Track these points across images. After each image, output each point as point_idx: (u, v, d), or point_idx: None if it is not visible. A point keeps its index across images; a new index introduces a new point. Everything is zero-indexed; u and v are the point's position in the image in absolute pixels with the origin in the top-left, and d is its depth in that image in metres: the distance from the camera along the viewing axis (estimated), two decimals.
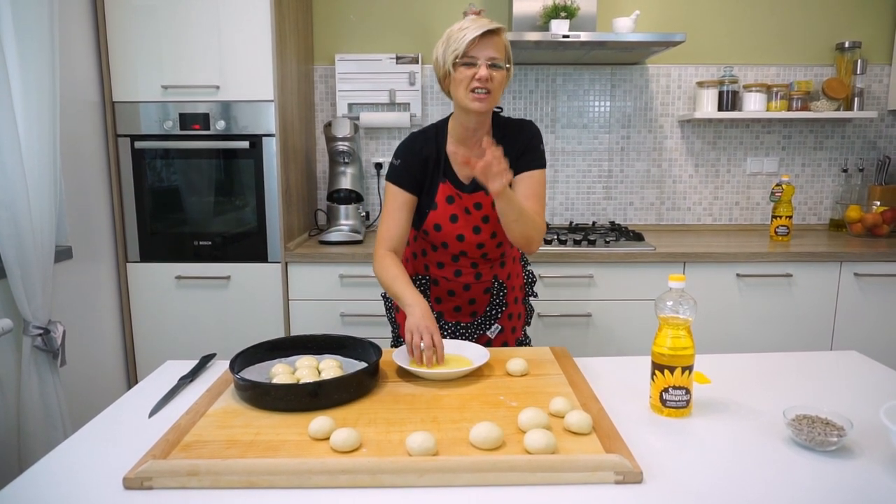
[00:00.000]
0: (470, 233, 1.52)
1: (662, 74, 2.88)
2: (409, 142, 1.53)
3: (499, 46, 1.39)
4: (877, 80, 2.88)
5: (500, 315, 1.63)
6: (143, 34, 2.27)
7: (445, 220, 1.51)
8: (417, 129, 1.56)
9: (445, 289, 1.61)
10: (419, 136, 1.53)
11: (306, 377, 1.20)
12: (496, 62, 1.38)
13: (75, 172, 2.17)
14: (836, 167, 2.95)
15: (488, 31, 1.37)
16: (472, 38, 1.36)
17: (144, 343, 2.44)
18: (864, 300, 2.41)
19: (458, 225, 1.51)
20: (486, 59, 1.37)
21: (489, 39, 1.37)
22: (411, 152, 1.51)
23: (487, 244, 1.54)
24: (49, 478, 0.93)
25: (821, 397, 1.20)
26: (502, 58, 1.40)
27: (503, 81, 1.41)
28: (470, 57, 1.38)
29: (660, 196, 2.96)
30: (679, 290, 1.10)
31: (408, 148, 1.52)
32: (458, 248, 1.55)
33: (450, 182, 1.51)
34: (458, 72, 1.39)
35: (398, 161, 1.51)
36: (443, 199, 1.51)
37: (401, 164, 1.51)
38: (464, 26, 1.39)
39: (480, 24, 1.38)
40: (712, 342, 2.38)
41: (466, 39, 1.36)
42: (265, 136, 2.34)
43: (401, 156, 1.51)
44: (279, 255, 2.39)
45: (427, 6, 2.82)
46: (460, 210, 1.51)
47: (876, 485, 0.89)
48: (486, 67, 1.37)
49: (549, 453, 0.94)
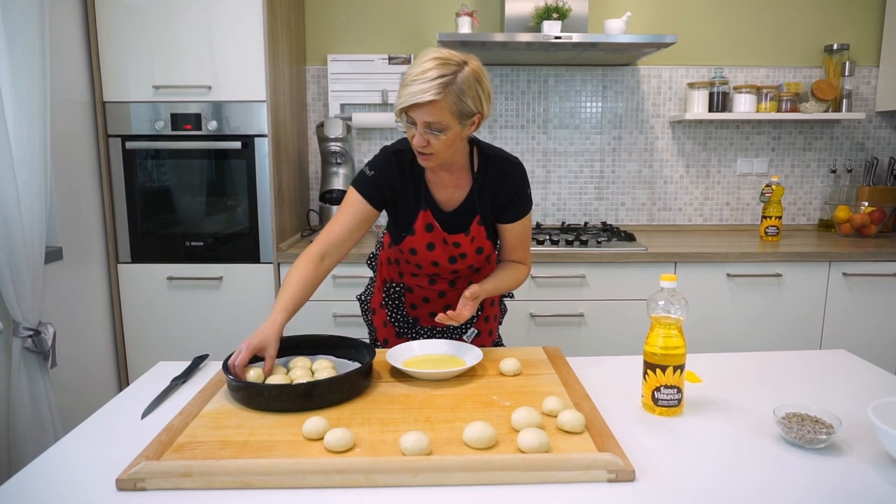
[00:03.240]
0: (445, 262, 1.47)
1: (653, 76, 2.89)
2: (385, 158, 1.42)
3: (439, 111, 1.25)
4: (865, 82, 2.91)
5: (476, 319, 1.59)
6: (134, 34, 2.26)
7: (422, 247, 1.45)
8: (393, 146, 1.44)
9: (420, 296, 1.56)
10: (395, 157, 1.42)
11: (300, 378, 1.20)
12: (433, 129, 1.26)
13: (66, 173, 2.15)
14: (824, 168, 2.97)
15: (421, 102, 1.23)
16: (402, 105, 1.26)
17: (136, 344, 2.43)
18: (852, 300, 2.43)
19: (434, 253, 1.45)
20: (423, 124, 1.26)
21: (426, 107, 1.24)
22: (387, 169, 1.41)
23: (462, 271, 1.52)
24: (40, 480, 0.92)
25: (810, 395, 1.21)
26: (445, 121, 1.26)
27: (451, 141, 1.30)
28: (409, 116, 1.28)
29: (651, 196, 2.98)
30: (670, 290, 1.11)
31: (385, 163, 1.42)
32: (432, 270, 1.50)
33: (430, 212, 1.42)
34: (404, 126, 1.32)
35: (372, 173, 1.41)
36: (422, 226, 1.42)
37: (374, 177, 1.41)
38: (407, 78, 1.26)
39: (415, 90, 1.23)
40: (703, 341, 2.40)
41: (398, 105, 1.27)
42: (257, 136, 2.33)
43: (376, 168, 1.41)
44: (271, 256, 2.39)
45: (419, 7, 2.82)
46: (438, 240, 1.44)
47: (864, 482, 0.90)
48: (420, 135, 1.27)
49: (542, 452, 0.94)
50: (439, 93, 1.23)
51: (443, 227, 1.44)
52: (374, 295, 1.66)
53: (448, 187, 1.44)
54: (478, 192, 1.44)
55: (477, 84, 1.28)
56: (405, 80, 1.26)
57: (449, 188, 1.44)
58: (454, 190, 1.44)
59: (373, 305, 1.66)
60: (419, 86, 1.23)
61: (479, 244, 1.46)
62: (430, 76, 1.23)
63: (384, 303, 1.60)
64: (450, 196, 1.45)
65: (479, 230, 1.45)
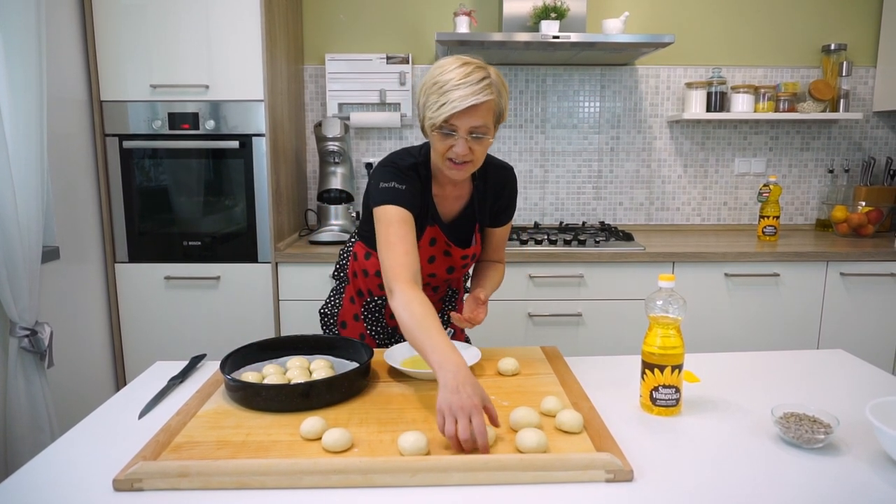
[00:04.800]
0: (443, 272, 1.48)
1: (651, 75, 2.89)
2: (406, 172, 1.34)
3: (485, 113, 1.21)
4: (862, 82, 2.91)
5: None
6: (132, 33, 2.26)
7: (423, 261, 1.41)
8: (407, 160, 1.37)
9: None
10: (414, 170, 1.36)
11: (297, 378, 1.20)
12: (478, 133, 1.22)
13: (63, 172, 2.15)
14: (822, 168, 2.98)
15: (477, 104, 1.18)
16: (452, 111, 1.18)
17: (133, 344, 2.42)
18: (849, 299, 2.43)
19: (433, 265, 1.45)
20: (468, 130, 1.21)
21: (475, 109, 1.19)
22: (414, 183, 1.34)
23: (453, 278, 1.54)
24: (37, 481, 0.92)
25: (808, 395, 1.21)
26: (489, 124, 1.23)
27: (488, 146, 1.26)
28: (450, 125, 1.21)
29: (649, 196, 2.98)
30: (668, 290, 1.11)
31: (410, 177, 1.34)
32: (426, 281, 1.48)
33: (438, 227, 1.40)
34: (434, 137, 1.25)
35: (403, 186, 1.31)
36: (427, 240, 1.41)
37: (408, 189, 1.32)
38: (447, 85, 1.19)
39: (466, 92, 1.17)
40: (701, 341, 2.40)
41: (444, 113, 1.19)
42: (255, 135, 2.33)
43: (406, 182, 1.32)
44: (269, 256, 2.38)
45: (417, 6, 2.82)
46: (440, 253, 1.44)
47: (862, 481, 0.91)
48: (464, 142, 1.21)
49: (540, 452, 0.94)
50: (491, 93, 1.20)
51: (447, 240, 1.43)
52: (344, 307, 1.60)
53: (450, 199, 1.44)
54: (478, 200, 1.45)
55: (503, 85, 1.28)
56: (442, 88, 1.20)
57: (450, 200, 1.44)
58: (454, 201, 1.45)
59: (342, 318, 1.60)
60: (468, 88, 1.18)
61: (476, 250, 1.49)
62: (475, 79, 1.19)
63: (362, 316, 1.56)
64: (450, 207, 1.45)
65: (478, 237, 1.48)
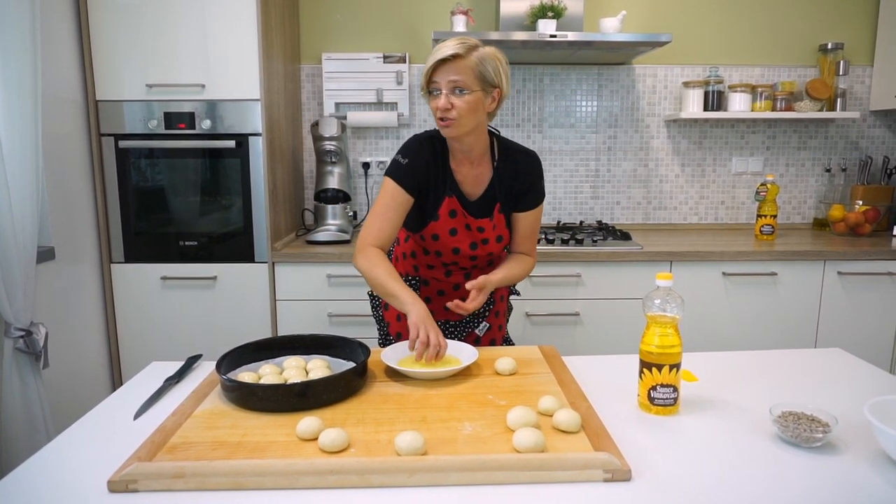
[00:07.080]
0: (466, 248, 1.52)
1: (649, 74, 2.89)
2: (417, 144, 1.47)
3: (463, 69, 1.34)
4: (859, 81, 2.92)
5: (488, 313, 1.64)
6: (128, 32, 2.25)
7: (445, 232, 1.49)
8: (423, 134, 1.50)
9: (436, 289, 1.61)
10: (427, 143, 1.48)
11: (294, 377, 1.19)
12: (458, 86, 1.34)
13: (58, 172, 2.14)
14: (819, 167, 2.98)
15: (446, 56, 1.33)
16: (429, 66, 1.35)
17: (129, 344, 2.41)
18: (847, 298, 2.43)
19: (456, 238, 1.50)
20: (447, 85, 1.34)
21: (451, 64, 1.33)
22: (419, 155, 1.46)
23: (480, 258, 1.56)
24: (32, 482, 0.91)
25: (806, 394, 1.21)
26: (468, 81, 1.34)
27: (473, 106, 1.36)
28: (433, 83, 1.36)
29: (646, 195, 2.98)
30: (666, 289, 1.11)
31: (416, 150, 1.46)
32: (451, 258, 1.54)
33: (456, 198, 1.48)
34: (428, 101, 1.40)
35: (406, 160, 1.45)
36: (446, 212, 1.48)
37: (408, 164, 1.45)
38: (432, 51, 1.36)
39: (445, 45, 1.34)
40: (699, 340, 2.40)
41: (427, 68, 1.35)
42: (251, 135, 2.32)
43: (409, 156, 1.46)
44: (266, 255, 2.38)
45: (414, 5, 2.81)
46: (461, 226, 1.49)
47: (860, 480, 0.90)
48: (445, 96, 1.34)
49: (537, 452, 0.94)
50: (463, 48, 1.33)
51: (465, 211, 1.49)
52: None
53: (470, 177, 1.50)
54: (497, 181, 1.50)
55: (496, 59, 1.38)
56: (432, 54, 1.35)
57: (471, 178, 1.50)
58: (475, 180, 1.50)
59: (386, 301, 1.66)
60: (448, 44, 1.34)
61: (500, 232, 1.53)
62: (457, 39, 1.35)
63: None
64: (472, 186, 1.50)
65: (500, 218, 1.51)
